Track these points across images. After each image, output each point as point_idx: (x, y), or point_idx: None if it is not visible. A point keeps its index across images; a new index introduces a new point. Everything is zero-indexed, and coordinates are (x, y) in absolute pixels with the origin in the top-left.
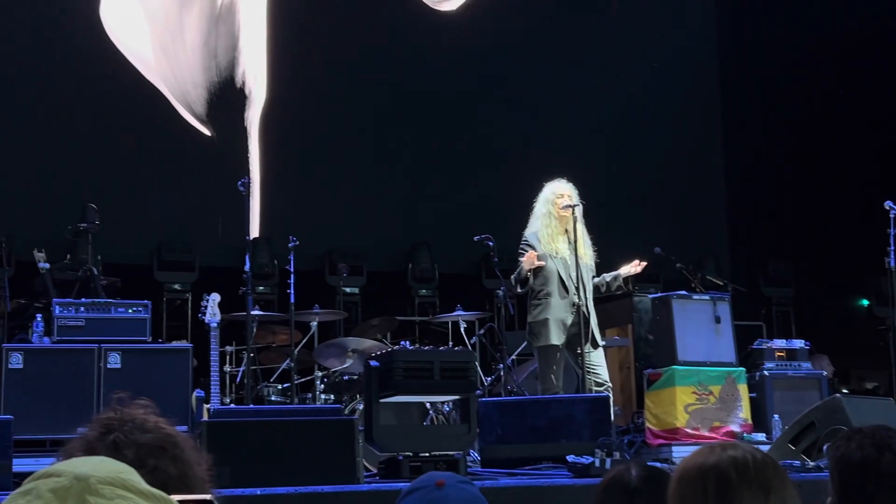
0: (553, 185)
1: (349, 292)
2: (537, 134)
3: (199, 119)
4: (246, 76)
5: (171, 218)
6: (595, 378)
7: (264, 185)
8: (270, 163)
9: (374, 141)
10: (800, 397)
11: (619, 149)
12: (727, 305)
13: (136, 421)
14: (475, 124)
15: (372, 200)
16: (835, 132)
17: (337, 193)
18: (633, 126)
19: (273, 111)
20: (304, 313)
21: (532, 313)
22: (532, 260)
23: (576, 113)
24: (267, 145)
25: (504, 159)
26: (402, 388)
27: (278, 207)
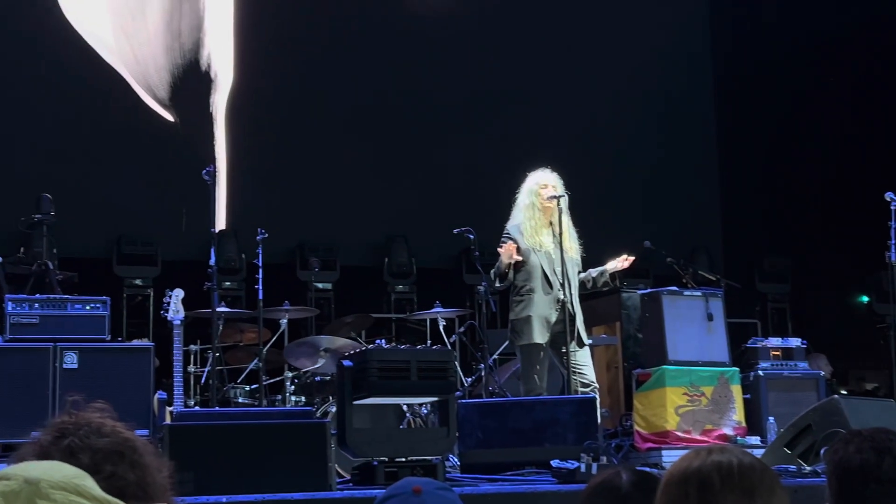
0: (537, 174)
1: (321, 288)
2: (521, 123)
3: (162, 104)
4: (211, 58)
5: (132, 209)
6: (581, 378)
7: (231, 174)
8: (238, 150)
9: (347, 128)
10: (796, 399)
11: (608, 138)
12: (720, 302)
13: (91, 425)
14: (456, 113)
15: (346, 191)
16: (833, 123)
17: (308, 183)
18: (621, 115)
19: (240, 96)
20: (273, 310)
21: (514, 310)
22: (510, 252)
23: (562, 102)
24: (234, 132)
25: (486, 148)
26: (377, 389)
27: (246, 198)
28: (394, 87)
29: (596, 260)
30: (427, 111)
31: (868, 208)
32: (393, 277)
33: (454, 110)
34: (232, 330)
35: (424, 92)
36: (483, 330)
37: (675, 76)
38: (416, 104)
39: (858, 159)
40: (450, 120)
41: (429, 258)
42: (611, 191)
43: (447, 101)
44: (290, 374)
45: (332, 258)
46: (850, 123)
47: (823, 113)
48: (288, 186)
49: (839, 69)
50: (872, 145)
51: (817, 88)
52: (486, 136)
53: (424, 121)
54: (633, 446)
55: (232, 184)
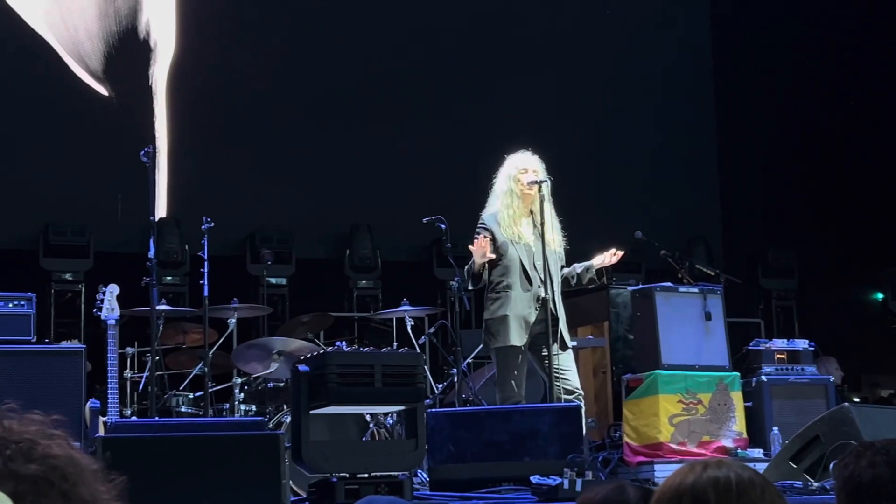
0: (516, 157)
1: (274, 283)
2: (500, 101)
3: (95, 76)
4: (151, 25)
5: (60, 194)
6: (564, 385)
7: (173, 155)
8: (180, 129)
9: (305, 105)
10: (803, 407)
11: (596, 119)
12: (719, 299)
13: (22, 445)
14: (427, 91)
15: (302, 175)
16: (843, 104)
17: (260, 167)
18: (611, 94)
19: (183, 67)
20: (220, 308)
21: (489, 309)
22: (482, 249)
23: (547, 78)
24: (176, 108)
25: (461, 128)
26: (336, 396)
27: (190, 182)
28: (358, 63)
29: (581, 253)
30: (393, 89)
31: (883, 196)
32: (355, 272)
33: (425, 88)
34: (174, 330)
35: (391, 68)
36: (456, 331)
37: (671, 54)
38: (380, 81)
39: (871, 143)
40: (420, 98)
41: (395, 250)
42: (598, 176)
43: (416, 78)
44: (239, 381)
45: (287, 250)
46: (861, 105)
47: (832, 94)
48: (237, 170)
49: (845, 53)
50: (885, 129)
51: (825, 68)
52: (460, 115)
53: (390, 99)
54: (623, 460)
55: (174, 166)
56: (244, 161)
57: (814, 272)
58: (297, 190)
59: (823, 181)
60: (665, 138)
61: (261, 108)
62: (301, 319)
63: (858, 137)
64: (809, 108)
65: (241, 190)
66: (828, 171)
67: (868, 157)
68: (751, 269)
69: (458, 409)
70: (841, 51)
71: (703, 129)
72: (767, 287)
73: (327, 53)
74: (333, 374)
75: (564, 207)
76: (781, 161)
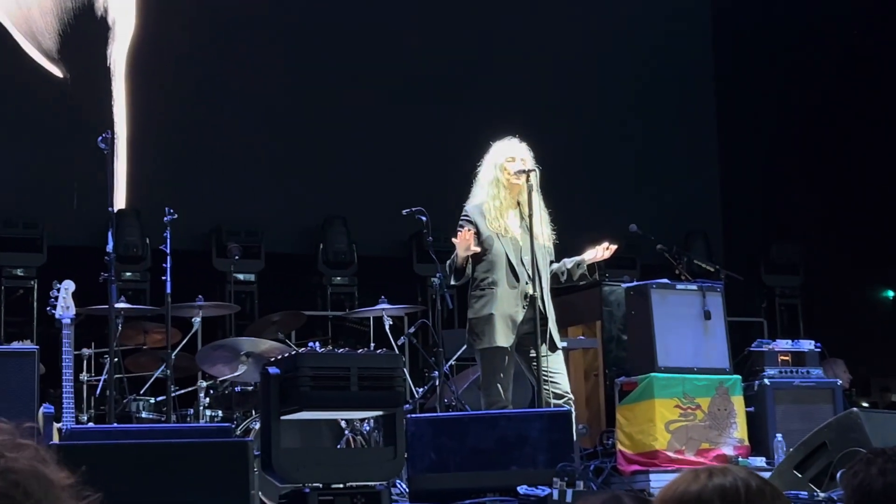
0: (503, 144)
1: (242, 280)
2: (486, 83)
3: (48, 55)
4: (108, 2)
5: (11, 183)
6: (553, 388)
7: (133, 142)
8: (141, 114)
9: (275, 91)
10: (809, 412)
11: (587, 103)
12: (719, 297)
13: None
14: (406, 69)
15: (272, 163)
16: (852, 88)
17: (227, 154)
18: (604, 78)
19: (144, 48)
20: (184, 306)
21: (474, 307)
22: (466, 242)
23: (536, 62)
24: (136, 91)
25: (444, 114)
26: (309, 401)
27: (151, 171)
28: (333, 48)
29: (572, 248)
30: (371, 73)
31: (891, 188)
32: (329, 267)
33: (404, 71)
34: (134, 330)
35: (368, 52)
36: (437, 330)
37: (670, 37)
38: (356, 66)
39: (881, 130)
40: (399, 81)
41: (372, 244)
42: (590, 165)
43: (397, 59)
44: (204, 384)
45: (256, 244)
46: (871, 90)
47: (839, 79)
48: (202, 158)
49: (852, 38)
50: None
51: (830, 53)
52: (443, 100)
53: (367, 84)
54: (616, 469)
55: (134, 154)
56: (210, 149)
57: (820, 268)
58: (266, 180)
59: (831, 170)
60: (662, 125)
61: (227, 92)
62: (271, 318)
63: (867, 124)
64: (816, 92)
65: (206, 179)
66: (836, 159)
67: (879, 145)
68: (753, 265)
69: (440, 415)
70: (847, 36)
71: (703, 116)
72: (771, 284)
73: (299, 38)
74: (306, 377)
75: (554, 199)
76: (786, 149)
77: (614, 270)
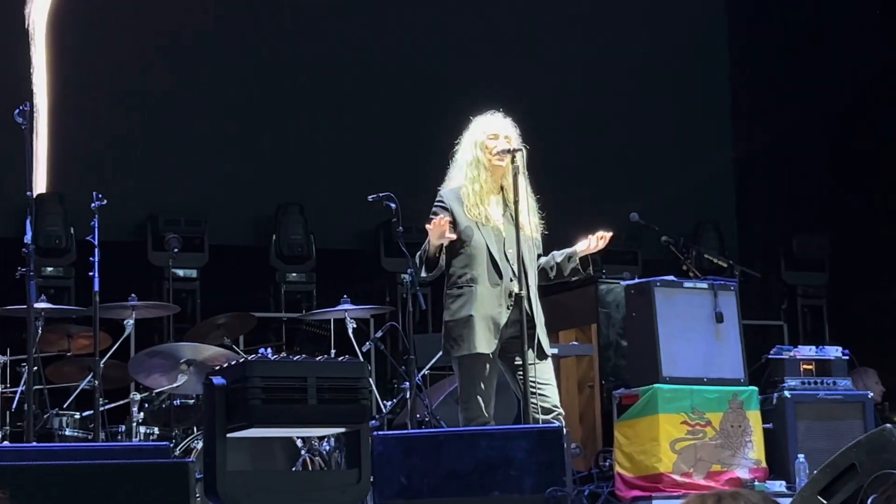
0: (484, 120)
1: (183, 276)
2: (464, 48)
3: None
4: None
5: None
6: (542, 402)
7: (55, 116)
8: (65, 85)
9: (221, 56)
10: (835, 429)
11: (586, 73)
12: (733, 297)
13: None
14: (373, 35)
15: (218, 141)
16: (888, 61)
17: (165, 132)
18: (605, 44)
19: (68, 9)
20: (114, 307)
21: (450, 308)
22: (440, 229)
23: (524, 28)
24: (59, 59)
25: (416, 86)
26: (260, 416)
27: (76, 149)
28: (292, 7)
29: (563, 240)
30: (332, 38)
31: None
32: (283, 262)
33: (372, 38)
34: (56, 334)
35: (332, 15)
36: (409, 335)
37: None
38: (317, 30)
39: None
40: (366, 49)
41: (333, 235)
42: (584, 145)
43: (365, 25)
44: (137, 396)
45: (198, 234)
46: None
47: (870, 51)
48: (136, 135)
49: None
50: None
51: (864, 18)
52: (415, 71)
53: (328, 50)
54: (614, 494)
55: (56, 130)
56: (145, 124)
57: (849, 264)
58: (211, 160)
59: (862, 152)
60: (667, 100)
61: (166, 60)
62: (216, 321)
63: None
64: (845, 65)
65: (140, 160)
66: (867, 139)
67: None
68: (772, 260)
69: (411, 432)
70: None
71: (715, 90)
72: (792, 282)
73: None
74: (256, 388)
75: (543, 183)
76: (810, 127)
77: (612, 266)
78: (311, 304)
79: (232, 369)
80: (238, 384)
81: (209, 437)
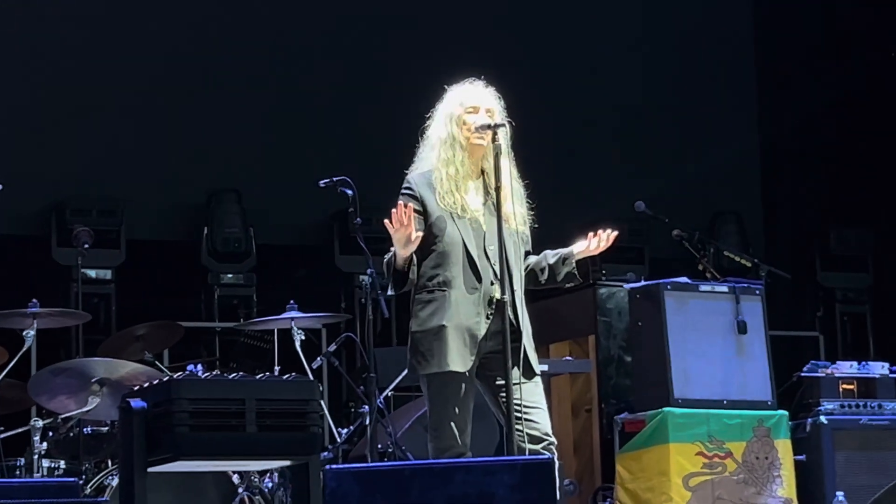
0: (460, 90)
1: (95, 277)
2: (445, 10)
3: None
4: None
5: None
6: (529, 429)
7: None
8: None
9: (143, 15)
10: (881, 461)
11: (588, 39)
12: (759, 303)
13: None
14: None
15: (137, 116)
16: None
17: (72, 105)
18: (607, 17)
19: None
20: (12, 314)
21: (418, 316)
22: (406, 230)
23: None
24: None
25: (378, 48)
26: (188, 447)
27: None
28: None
29: (557, 236)
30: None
31: None
32: (217, 260)
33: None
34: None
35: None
36: (369, 349)
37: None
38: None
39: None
40: (309, 9)
41: (277, 228)
42: (582, 123)
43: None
44: (40, 423)
45: (114, 228)
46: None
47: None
48: (39, 110)
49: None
50: None
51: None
52: (378, 28)
53: (265, 7)
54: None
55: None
56: (50, 97)
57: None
58: (128, 139)
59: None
60: (681, 74)
61: (74, 21)
62: (134, 332)
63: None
64: (885, 33)
65: (43, 139)
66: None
67: None
68: (805, 259)
69: (371, 466)
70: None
71: (739, 65)
72: (829, 284)
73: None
74: (183, 412)
75: (534, 166)
76: (847, 104)
77: (614, 265)
78: (251, 310)
79: (154, 390)
80: (161, 408)
81: (126, 472)
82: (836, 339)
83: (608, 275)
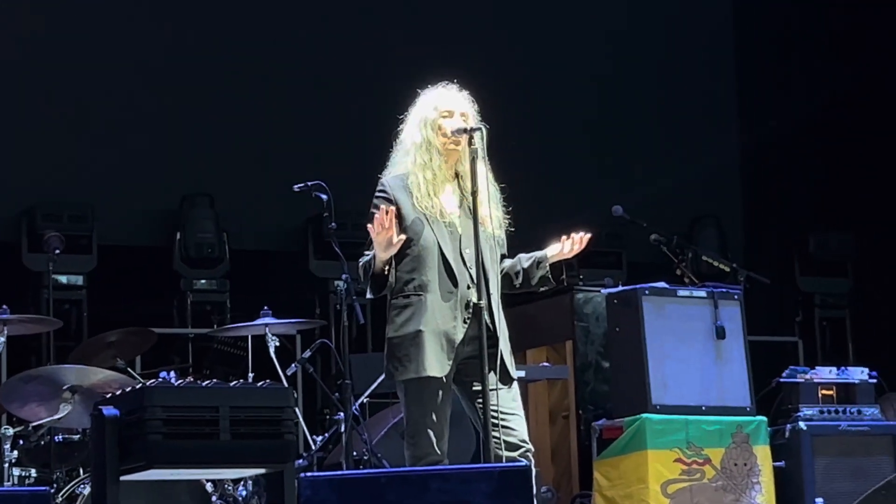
0: (435, 94)
1: (66, 283)
2: (421, 12)
3: None
4: None
5: None
6: (506, 436)
7: None
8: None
9: (114, 18)
10: (860, 467)
11: (567, 42)
12: (738, 308)
13: None
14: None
15: (108, 120)
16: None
17: (42, 107)
18: (592, 11)
19: None
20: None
21: (395, 322)
22: (387, 233)
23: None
24: None
25: (352, 52)
26: (161, 455)
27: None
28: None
29: (533, 240)
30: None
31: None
32: (189, 265)
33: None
34: None
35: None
36: (344, 355)
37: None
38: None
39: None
40: (283, 10)
41: (251, 233)
42: (559, 126)
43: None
44: (10, 431)
45: (85, 233)
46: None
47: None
48: (7, 113)
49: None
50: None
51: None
52: (353, 33)
53: (246, 8)
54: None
55: None
56: (18, 100)
57: (876, 268)
58: (100, 143)
59: (891, 138)
60: (662, 74)
61: (46, 22)
62: (106, 338)
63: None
64: (869, 41)
65: (13, 142)
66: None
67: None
68: (784, 264)
69: (347, 473)
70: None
71: (718, 66)
72: (809, 289)
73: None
74: (156, 420)
75: (510, 170)
76: (828, 108)
77: (591, 270)
78: (224, 317)
79: (126, 398)
80: (134, 416)
81: (98, 480)
82: (815, 345)
83: (586, 280)
